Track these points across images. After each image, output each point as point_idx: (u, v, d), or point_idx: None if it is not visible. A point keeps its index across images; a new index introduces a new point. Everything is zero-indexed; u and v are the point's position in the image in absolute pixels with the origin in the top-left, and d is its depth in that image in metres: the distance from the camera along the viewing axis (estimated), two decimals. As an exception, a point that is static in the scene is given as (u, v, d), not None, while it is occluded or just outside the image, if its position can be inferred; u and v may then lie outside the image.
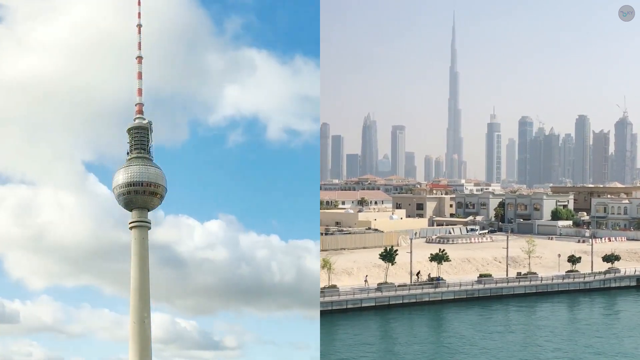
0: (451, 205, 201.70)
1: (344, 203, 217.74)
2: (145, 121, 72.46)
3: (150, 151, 72.02)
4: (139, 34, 74.14)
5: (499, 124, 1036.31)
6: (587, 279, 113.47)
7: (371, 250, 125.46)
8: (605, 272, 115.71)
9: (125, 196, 70.26)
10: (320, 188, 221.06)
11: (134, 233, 70.77)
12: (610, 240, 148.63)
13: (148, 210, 71.90)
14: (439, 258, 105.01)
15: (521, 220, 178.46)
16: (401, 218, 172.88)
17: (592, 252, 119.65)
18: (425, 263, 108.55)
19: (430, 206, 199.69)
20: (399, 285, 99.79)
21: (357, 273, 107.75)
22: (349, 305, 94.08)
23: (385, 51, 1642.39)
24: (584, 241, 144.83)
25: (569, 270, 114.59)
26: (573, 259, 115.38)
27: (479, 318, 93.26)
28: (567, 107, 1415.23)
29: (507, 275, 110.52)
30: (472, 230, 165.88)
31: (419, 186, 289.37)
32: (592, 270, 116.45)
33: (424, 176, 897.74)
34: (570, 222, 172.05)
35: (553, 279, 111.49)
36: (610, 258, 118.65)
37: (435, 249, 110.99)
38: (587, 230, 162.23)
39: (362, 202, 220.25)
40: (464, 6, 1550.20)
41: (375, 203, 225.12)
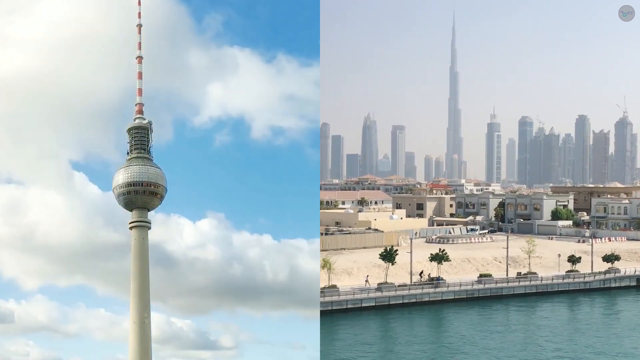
0: (451, 205, 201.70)
1: (344, 203, 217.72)
2: (145, 121, 72.39)
3: (150, 151, 72.03)
4: (139, 33, 73.82)
5: (499, 124, 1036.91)
6: (587, 279, 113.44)
7: (371, 250, 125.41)
8: (605, 272, 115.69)
9: (125, 196, 70.20)
10: (320, 188, 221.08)
11: (134, 233, 70.69)
12: (610, 240, 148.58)
13: (148, 210, 71.91)
14: (439, 258, 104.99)
15: (521, 220, 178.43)
16: (401, 218, 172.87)
17: (592, 252, 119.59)
18: (426, 263, 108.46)
19: (430, 206, 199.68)
20: (399, 285, 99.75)
21: (357, 273, 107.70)
22: (349, 305, 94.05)
23: (385, 51, 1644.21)
24: (584, 241, 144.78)
25: (569, 270, 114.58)
26: (573, 259, 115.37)
27: (479, 318, 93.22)
28: (567, 107, 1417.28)
29: (507, 275, 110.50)
30: (472, 230, 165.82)
31: (419, 186, 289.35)
32: (592, 270, 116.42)
33: (424, 176, 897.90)
34: (570, 222, 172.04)
35: (553, 279, 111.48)
36: (610, 258, 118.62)
37: (435, 249, 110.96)
38: (587, 230, 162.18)
39: (362, 202, 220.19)
40: (464, 6, 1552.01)
41: (375, 203, 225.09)
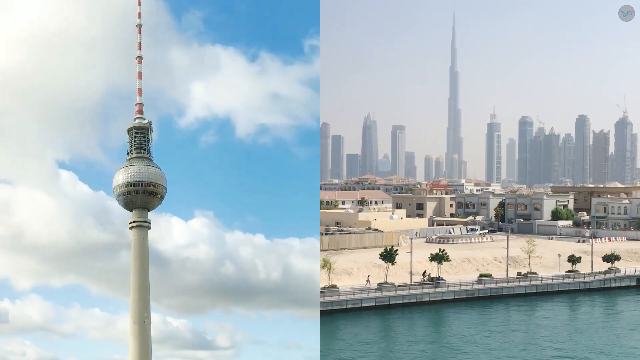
0: (451, 205, 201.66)
1: (344, 203, 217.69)
2: (145, 121, 72.37)
3: (150, 151, 71.99)
4: (139, 33, 73.75)
5: (499, 124, 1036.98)
6: (587, 279, 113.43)
7: (371, 250, 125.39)
8: (605, 272, 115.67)
9: (125, 196, 70.16)
10: (320, 188, 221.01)
11: (134, 233, 70.64)
12: (610, 240, 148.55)
13: (148, 211, 71.85)
14: (439, 258, 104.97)
15: (521, 220, 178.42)
16: (401, 218, 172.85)
17: (592, 252, 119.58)
18: (426, 263, 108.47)
19: (430, 206, 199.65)
20: (399, 285, 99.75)
21: (357, 273, 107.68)
22: (349, 305, 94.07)
23: (385, 51, 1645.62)
24: (584, 241, 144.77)
25: (569, 270, 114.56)
26: (573, 259, 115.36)
27: (479, 318, 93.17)
28: (567, 107, 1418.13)
29: (507, 275, 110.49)
30: (472, 230, 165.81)
31: (419, 186, 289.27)
32: (592, 270, 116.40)
33: (424, 176, 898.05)
34: (570, 222, 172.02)
35: (553, 279, 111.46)
36: (610, 258, 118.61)
37: (435, 248, 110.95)
38: (587, 230, 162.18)
39: (362, 202, 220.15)
40: (464, 6, 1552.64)
41: (375, 203, 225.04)
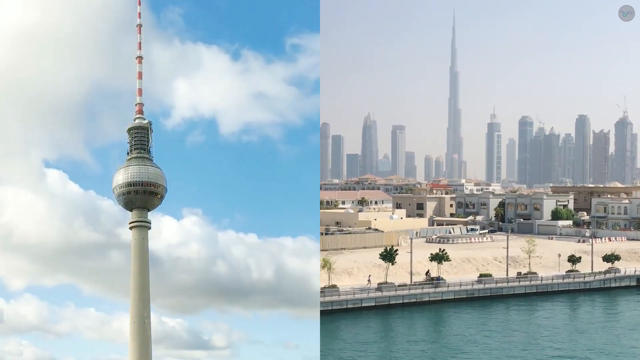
0: (451, 205, 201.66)
1: (344, 203, 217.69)
2: (145, 121, 72.42)
3: (150, 151, 72.02)
4: (139, 33, 73.79)
5: (499, 123, 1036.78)
6: (587, 279, 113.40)
7: (371, 250, 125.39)
8: (605, 272, 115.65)
9: (125, 196, 70.19)
10: (320, 188, 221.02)
11: (134, 233, 70.68)
12: (611, 240, 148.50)
13: (148, 211, 71.86)
14: (439, 258, 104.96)
15: (521, 220, 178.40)
16: (401, 218, 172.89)
17: (592, 252, 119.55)
18: (426, 263, 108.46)
19: (430, 206, 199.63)
20: (399, 285, 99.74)
21: (357, 273, 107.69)
22: (349, 305, 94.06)
23: (385, 51, 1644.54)
24: (584, 241, 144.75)
25: (569, 270, 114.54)
26: (573, 259, 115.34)
27: (479, 318, 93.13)
28: (567, 107, 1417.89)
29: (507, 275, 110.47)
30: (472, 230, 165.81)
31: (419, 186, 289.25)
32: (592, 270, 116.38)
33: (424, 176, 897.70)
34: (570, 222, 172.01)
35: (553, 279, 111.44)
36: (610, 258, 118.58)
37: (435, 248, 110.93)
38: (587, 230, 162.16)
39: (362, 202, 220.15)
40: (464, 6, 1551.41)
41: (376, 203, 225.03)
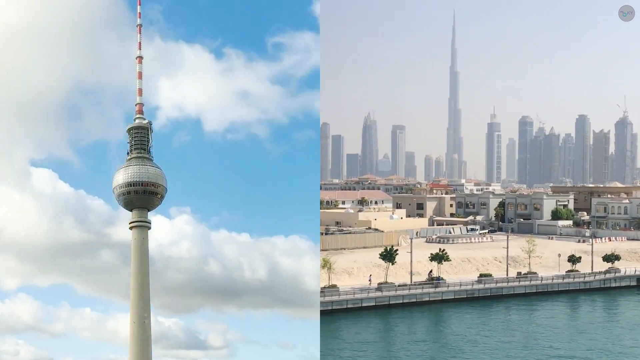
0: (451, 205, 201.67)
1: (344, 203, 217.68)
2: (145, 121, 72.46)
3: (150, 151, 72.03)
4: (139, 33, 73.82)
5: (499, 123, 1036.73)
6: (587, 279, 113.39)
7: (371, 250, 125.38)
8: (605, 272, 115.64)
9: (125, 196, 70.19)
10: (320, 188, 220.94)
11: (134, 233, 70.66)
12: (611, 240, 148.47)
13: (148, 211, 71.86)
14: (439, 258, 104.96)
15: (521, 220, 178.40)
16: (401, 218, 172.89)
17: (592, 252, 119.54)
18: (426, 263, 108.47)
19: (430, 206, 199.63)
20: (399, 285, 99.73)
21: (357, 273, 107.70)
22: (349, 305, 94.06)
23: (385, 51, 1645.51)
24: (584, 241, 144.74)
25: (569, 270, 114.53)
26: (573, 259, 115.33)
27: (479, 318, 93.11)
28: (567, 107, 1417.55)
29: (507, 275, 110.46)
30: (472, 230, 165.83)
31: (419, 186, 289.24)
32: (592, 270, 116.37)
33: (424, 176, 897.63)
34: (570, 222, 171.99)
35: (553, 279, 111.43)
36: (610, 258, 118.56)
37: (435, 248, 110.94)
38: (587, 230, 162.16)
39: (362, 202, 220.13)
40: (464, 6, 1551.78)
41: (376, 203, 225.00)
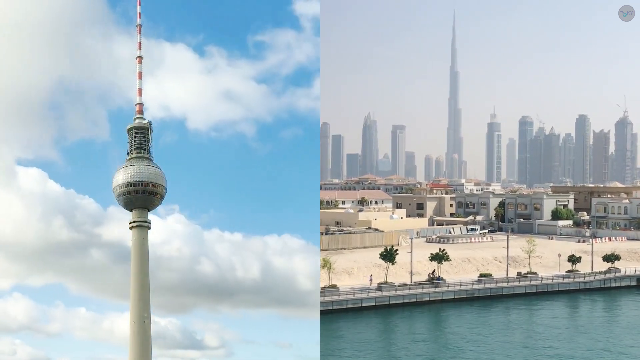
0: (451, 205, 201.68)
1: (344, 203, 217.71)
2: (145, 121, 72.47)
3: (150, 151, 72.04)
4: (139, 33, 73.88)
5: (499, 123, 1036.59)
6: (587, 279, 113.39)
7: (371, 250, 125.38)
8: (605, 272, 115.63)
9: (125, 196, 70.19)
10: (320, 188, 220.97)
11: (134, 233, 70.64)
12: (611, 240, 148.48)
13: (148, 210, 71.86)
14: (439, 258, 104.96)
15: (521, 220, 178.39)
16: (401, 218, 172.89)
17: (592, 252, 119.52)
18: (426, 263, 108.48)
19: (430, 206, 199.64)
20: (399, 285, 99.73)
21: (357, 273, 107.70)
22: (349, 305, 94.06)
23: (385, 51, 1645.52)
24: (584, 241, 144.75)
25: (569, 270, 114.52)
26: (573, 259, 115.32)
27: (479, 318, 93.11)
28: (567, 107, 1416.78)
29: (508, 275, 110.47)
30: (472, 230, 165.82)
31: (419, 186, 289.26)
32: (592, 270, 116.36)
33: (424, 176, 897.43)
34: (570, 222, 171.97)
35: (553, 279, 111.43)
36: (610, 258, 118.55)
37: (435, 248, 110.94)
38: (587, 230, 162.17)
39: (362, 202, 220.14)
40: (464, 6, 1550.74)
41: (376, 203, 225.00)
